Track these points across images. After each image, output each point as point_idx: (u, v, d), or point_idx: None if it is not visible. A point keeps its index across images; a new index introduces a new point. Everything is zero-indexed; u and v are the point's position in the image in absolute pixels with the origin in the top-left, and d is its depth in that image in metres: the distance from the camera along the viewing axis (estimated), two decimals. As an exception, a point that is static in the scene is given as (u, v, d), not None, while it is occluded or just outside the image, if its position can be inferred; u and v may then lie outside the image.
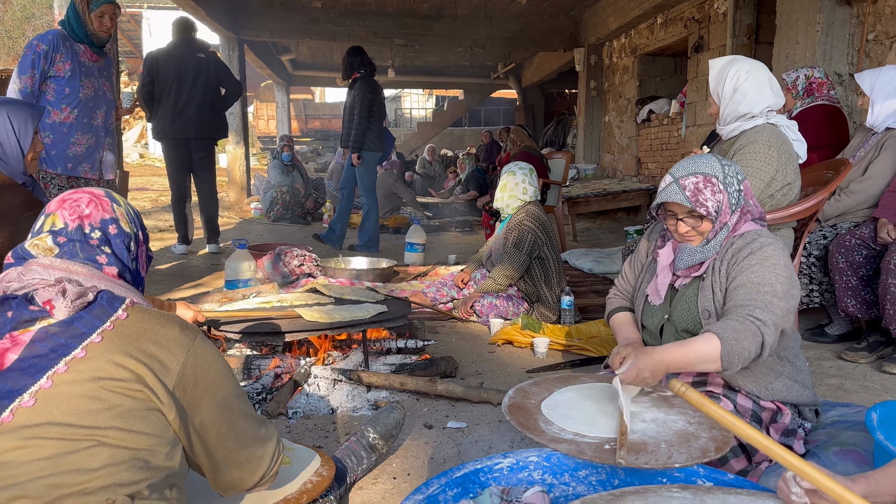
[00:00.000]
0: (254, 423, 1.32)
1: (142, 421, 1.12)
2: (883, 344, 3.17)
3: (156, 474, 1.14)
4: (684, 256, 1.98)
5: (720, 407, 1.18)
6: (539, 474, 1.59)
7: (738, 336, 1.73)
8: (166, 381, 1.16)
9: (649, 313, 2.11)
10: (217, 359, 1.27)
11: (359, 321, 2.65)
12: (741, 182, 1.97)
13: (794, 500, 1.31)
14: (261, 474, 1.33)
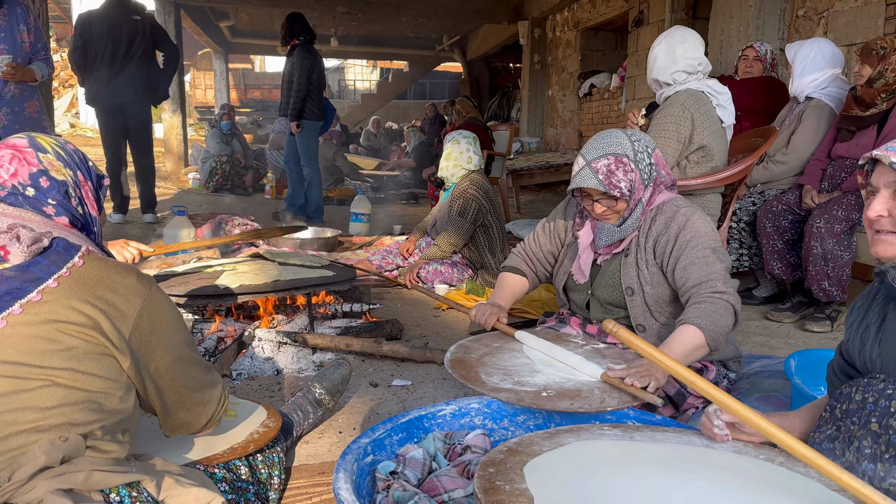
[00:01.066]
0: (202, 370, 1.35)
1: (96, 364, 1.13)
2: (805, 304, 3.36)
3: (109, 417, 1.15)
4: (603, 235, 2.05)
5: (646, 343, 1.25)
6: (480, 420, 1.66)
7: (714, 318, 1.81)
8: (122, 328, 1.17)
9: (574, 289, 2.19)
10: (171, 307, 1.28)
11: (305, 283, 2.65)
12: (651, 154, 2.03)
13: (717, 433, 1.41)
14: (207, 417, 1.36)
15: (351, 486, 1.25)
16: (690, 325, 1.80)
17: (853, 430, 1.20)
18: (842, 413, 1.25)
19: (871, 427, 1.17)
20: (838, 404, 1.26)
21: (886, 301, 1.31)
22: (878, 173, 1.25)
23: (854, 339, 1.34)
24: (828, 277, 3.09)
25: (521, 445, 1.38)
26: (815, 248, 3.08)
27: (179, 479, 1.19)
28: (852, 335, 1.35)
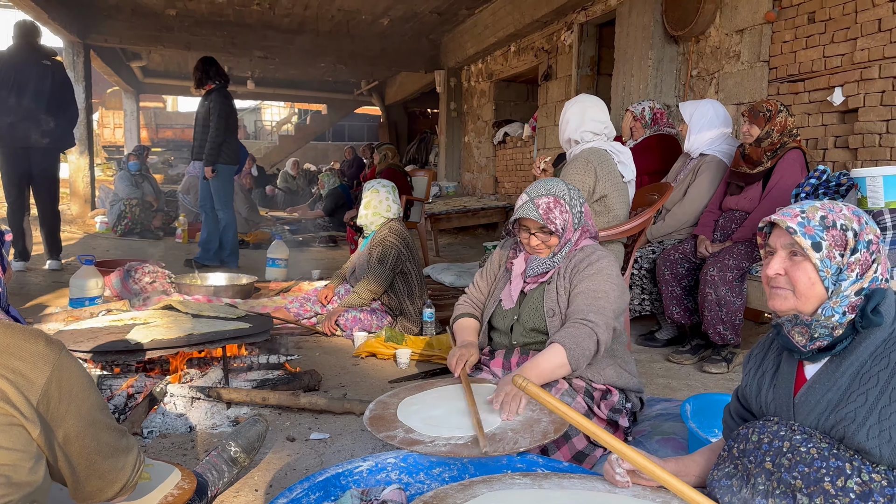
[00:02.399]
0: (116, 435, 1.32)
1: (3, 436, 1.10)
2: (703, 346, 3.59)
3: (17, 490, 1.12)
4: (534, 266, 2.29)
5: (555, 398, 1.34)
6: (396, 475, 1.70)
7: (577, 340, 2.04)
8: (30, 397, 1.15)
9: (500, 316, 2.34)
10: (81, 372, 1.26)
11: (219, 336, 2.63)
12: (582, 206, 2.33)
13: (618, 480, 1.51)
14: (121, 485, 1.33)
15: (268, 549, 1.26)
16: (557, 343, 2.03)
17: (749, 467, 1.32)
18: (739, 452, 1.37)
19: (765, 465, 1.29)
20: (736, 444, 1.38)
21: (780, 350, 1.45)
22: (776, 235, 1.41)
23: (751, 385, 1.48)
24: (722, 322, 3.31)
25: (436, 499, 1.43)
26: (710, 294, 3.31)
27: (90, 551, 1.17)
28: (749, 380, 1.49)
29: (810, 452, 1.25)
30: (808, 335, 1.35)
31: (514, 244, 2.44)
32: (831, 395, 1.31)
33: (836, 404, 1.29)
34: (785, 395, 1.39)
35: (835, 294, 1.33)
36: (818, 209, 1.37)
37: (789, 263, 1.38)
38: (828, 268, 1.33)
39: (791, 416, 1.35)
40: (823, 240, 1.34)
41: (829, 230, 1.35)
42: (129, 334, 2.52)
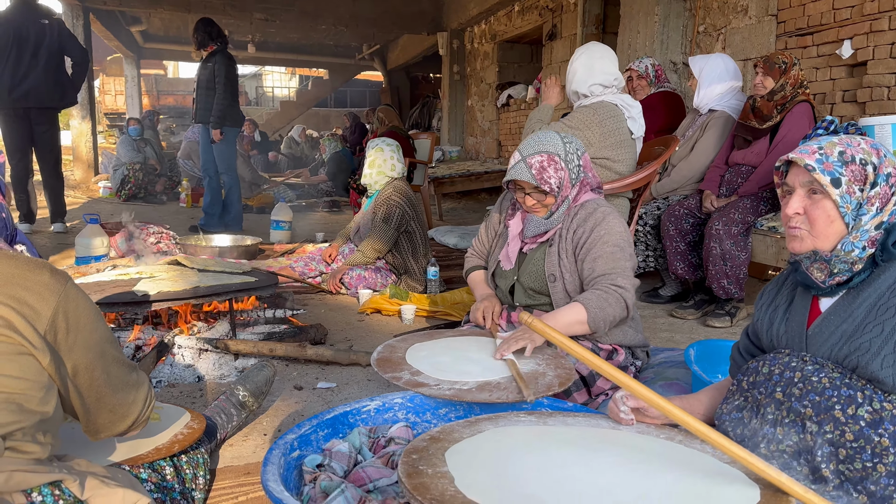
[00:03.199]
0: (125, 369, 1.33)
1: (13, 365, 1.12)
2: (707, 302, 3.60)
3: (29, 418, 1.14)
4: (531, 226, 2.21)
5: (559, 332, 1.35)
6: (403, 414, 1.72)
7: (602, 304, 1.99)
8: (37, 326, 1.16)
9: (501, 276, 2.32)
10: (88, 304, 1.26)
11: (225, 289, 2.64)
12: (581, 157, 2.21)
13: (623, 417, 1.53)
14: (132, 420, 1.35)
15: (279, 479, 1.29)
16: (579, 303, 1.99)
17: (759, 399, 1.33)
18: (748, 385, 1.39)
19: (775, 395, 1.31)
20: (745, 377, 1.40)
21: (795, 286, 1.46)
22: (793, 174, 1.40)
23: (763, 319, 1.48)
24: (726, 276, 3.32)
25: (443, 433, 1.45)
26: (715, 248, 3.31)
27: (105, 480, 1.19)
28: (761, 315, 1.50)
29: (822, 382, 1.26)
30: (828, 271, 1.35)
31: (511, 201, 2.36)
32: (846, 327, 1.32)
33: (851, 335, 1.30)
34: (798, 328, 1.40)
35: (854, 229, 1.33)
36: (836, 144, 1.36)
37: (808, 202, 1.36)
38: (848, 203, 1.32)
39: (803, 348, 1.36)
40: (843, 175, 1.33)
41: (848, 165, 1.33)
42: (136, 287, 2.53)
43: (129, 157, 8.30)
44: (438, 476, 1.23)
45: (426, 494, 1.15)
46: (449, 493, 1.16)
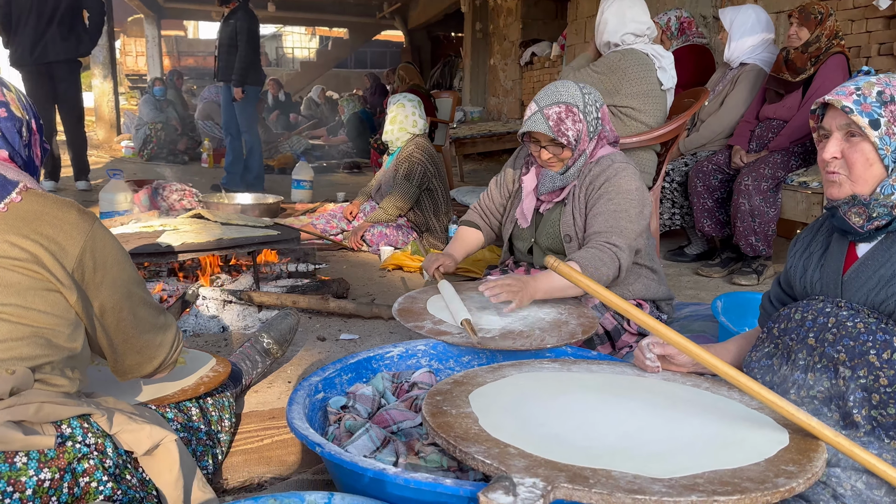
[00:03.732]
0: (153, 311, 1.34)
1: (41, 300, 1.13)
2: (734, 260, 3.54)
3: (57, 353, 1.15)
4: (546, 182, 2.14)
5: (585, 276, 1.33)
6: (426, 361, 1.72)
7: (596, 263, 1.92)
8: (65, 264, 1.16)
9: (520, 237, 2.27)
10: (115, 245, 1.27)
11: (248, 241, 2.64)
12: (599, 109, 2.12)
13: (648, 364, 1.51)
14: (159, 361, 1.36)
15: (304, 418, 1.29)
16: (574, 261, 1.92)
17: (791, 345, 1.31)
18: (780, 332, 1.36)
19: (807, 341, 1.28)
20: (776, 325, 1.37)
21: (831, 232, 1.42)
22: (830, 117, 1.34)
23: (797, 266, 1.45)
24: (755, 233, 3.26)
25: (466, 378, 1.45)
26: (743, 204, 3.24)
27: (132, 416, 1.20)
28: (795, 262, 1.46)
29: (857, 327, 1.23)
30: (866, 215, 1.31)
31: (526, 157, 2.28)
32: (884, 272, 1.28)
33: (889, 280, 1.26)
34: (833, 274, 1.36)
35: (895, 172, 1.28)
36: (874, 84, 1.30)
37: (846, 145, 1.31)
38: (887, 145, 1.27)
39: (838, 294, 1.33)
40: (882, 116, 1.27)
41: (887, 105, 1.28)
42: (160, 239, 2.54)
43: (151, 117, 8.31)
44: (462, 416, 1.23)
45: (450, 432, 1.15)
46: (473, 431, 1.16)
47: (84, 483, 1.09)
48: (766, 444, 1.14)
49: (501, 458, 1.05)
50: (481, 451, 1.08)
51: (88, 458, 1.10)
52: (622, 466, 1.04)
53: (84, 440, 1.11)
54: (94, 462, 1.11)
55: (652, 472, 1.02)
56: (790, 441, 1.16)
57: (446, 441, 1.13)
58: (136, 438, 1.16)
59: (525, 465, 1.03)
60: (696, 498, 0.95)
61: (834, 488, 1.11)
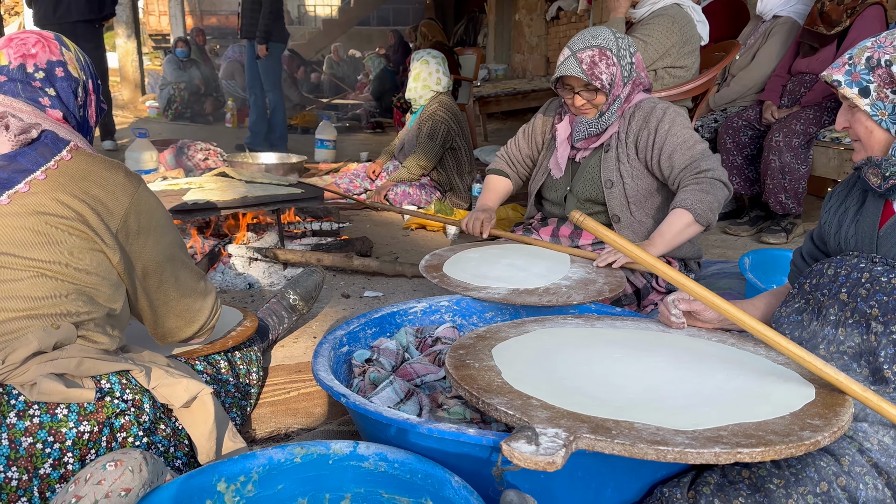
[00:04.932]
0: (194, 276, 1.37)
1: (85, 260, 1.15)
2: (762, 218, 3.48)
3: (99, 310, 1.18)
4: (580, 128, 2.11)
5: (612, 231, 1.31)
6: (450, 317, 1.72)
7: (701, 197, 1.90)
8: (110, 224, 1.18)
9: (552, 187, 2.25)
10: (160, 207, 1.29)
11: (273, 199, 2.66)
12: (633, 55, 2.09)
13: (673, 321, 1.50)
14: (198, 326, 1.39)
15: (329, 370, 1.31)
16: (679, 208, 1.90)
17: (822, 300, 1.29)
18: (811, 287, 1.34)
19: (839, 297, 1.26)
20: (808, 280, 1.35)
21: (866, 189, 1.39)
22: None
23: (831, 221, 1.42)
24: (784, 190, 3.19)
25: (490, 332, 1.45)
26: (774, 161, 3.17)
27: (168, 370, 1.23)
28: (829, 217, 1.44)
29: (891, 283, 1.20)
30: (881, 175, 1.28)
31: (558, 107, 2.26)
32: None
33: None
34: (869, 229, 1.33)
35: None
36: (866, 49, 1.29)
37: (850, 115, 1.32)
38: (882, 110, 1.26)
39: (873, 250, 1.30)
40: (871, 82, 1.26)
41: (876, 70, 1.25)
42: (185, 196, 2.56)
43: (175, 77, 8.32)
44: (485, 369, 1.23)
45: (473, 385, 1.16)
46: (496, 384, 1.16)
47: (121, 438, 1.12)
48: (792, 399, 1.13)
49: (524, 410, 1.06)
50: (504, 403, 1.08)
51: (125, 414, 1.13)
52: (645, 419, 1.04)
53: (122, 396, 1.14)
54: (130, 418, 1.14)
55: (675, 425, 1.02)
56: (816, 396, 1.14)
57: (469, 393, 1.14)
58: (173, 392, 1.19)
59: (548, 416, 1.04)
60: (719, 450, 0.95)
61: (860, 443, 1.10)
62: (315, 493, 1.10)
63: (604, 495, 1.12)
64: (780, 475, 1.08)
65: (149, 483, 0.95)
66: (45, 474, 1.04)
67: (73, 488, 0.90)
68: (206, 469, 1.05)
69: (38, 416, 1.06)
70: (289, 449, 1.10)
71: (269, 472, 1.08)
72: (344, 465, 1.10)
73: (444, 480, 1.03)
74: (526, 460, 0.91)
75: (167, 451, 1.19)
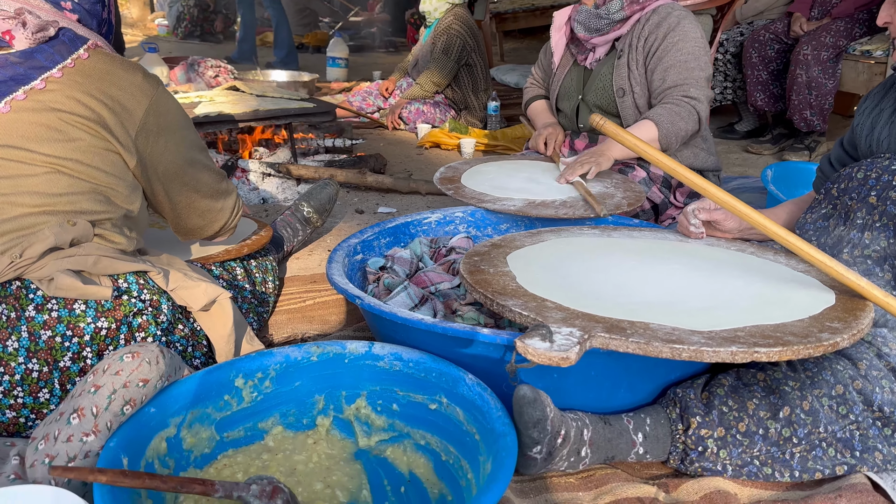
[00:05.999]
0: (215, 176, 1.36)
1: (101, 159, 1.14)
2: (785, 136, 3.39)
3: (116, 211, 1.17)
4: (582, 16, 2.03)
5: (633, 135, 1.27)
6: (464, 228, 1.71)
7: (673, 118, 1.85)
8: (128, 126, 1.17)
9: (565, 96, 2.18)
10: (179, 110, 1.27)
11: (284, 113, 2.61)
12: None
13: (692, 230, 1.48)
14: (220, 225, 1.40)
15: (343, 275, 1.31)
16: (649, 119, 1.86)
17: (850, 204, 1.26)
18: (839, 192, 1.31)
19: (868, 200, 1.23)
20: (835, 185, 1.31)
21: None
22: None
23: (864, 124, 1.38)
24: (810, 106, 3.09)
25: (505, 241, 1.44)
26: (800, 76, 3.06)
27: (187, 273, 1.23)
28: (862, 120, 1.39)
29: (923, 186, 1.17)
30: None
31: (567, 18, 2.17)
32: None
33: None
34: None
35: None
36: None
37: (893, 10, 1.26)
38: None
39: None
40: None
41: None
42: (196, 109, 2.53)
43: (183, -7, 8.09)
44: (500, 274, 1.23)
45: (488, 288, 1.15)
46: (511, 287, 1.16)
47: (140, 337, 1.14)
48: (812, 303, 1.11)
49: (539, 311, 1.05)
50: (519, 305, 1.08)
51: (143, 313, 1.14)
52: (661, 320, 1.03)
53: (140, 296, 1.15)
54: (148, 317, 1.15)
55: (691, 325, 1.01)
56: (836, 301, 1.13)
57: (484, 296, 1.13)
58: (191, 295, 1.19)
59: (562, 317, 1.03)
60: (736, 349, 0.94)
61: (879, 347, 1.09)
62: (331, 391, 1.12)
63: (616, 395, 1.13)
64: (795, 378, 1.08)
65: (166, 376, 0.96)
66: (64, 367, 1.06)
67: (91, 378, 0.92)
68: (224, 365, 1.06)
69: (56, 310, 1.07)
70: (305, 348, 1.11)
71: (286, 369, 1.10)
72: (359, 364, 1.11)
73: (458, 378, 1.04)
74: (540, 356, 0.91)
75: (186, 350, 1.21)
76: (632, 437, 1.09)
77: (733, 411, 1.07)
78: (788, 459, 1.05)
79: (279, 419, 1.10)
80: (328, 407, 1.12)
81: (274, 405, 1.10)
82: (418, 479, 1.05)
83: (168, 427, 0.97)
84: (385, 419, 1.11)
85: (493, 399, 0.99)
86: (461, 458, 1.01)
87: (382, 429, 1.11)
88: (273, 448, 1.08)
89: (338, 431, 1.12)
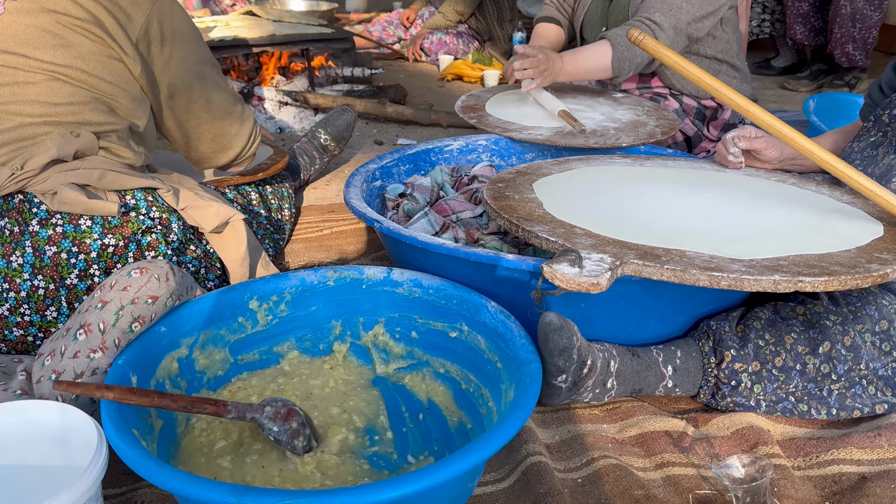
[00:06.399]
0: (229, 97, 1.28)
1: (102, 67, 1.07)
2: (825, 73, 3.23)
3: (121, 123, 1.11)
4: None
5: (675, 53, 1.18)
6: (487, 156, 1.64)
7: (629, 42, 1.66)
8: (129, 32, 1.10)
9: (589, 24, 2.06)
10: (186, 19, 1.19)
11: (302, 38, 2.52)
12: None
13: (731, 160, 1.40)
14: (235, 153, 1.32)
15: (362, 199, 1.26)
16: (606, 40, 1.74)
17: None
18: (890, 118, 1.22)
19: None
20: (887, 111, 1.23)
21: None
22: None
23: None
24: (853, 40, 2.93)
25: (531, 168, 1.37)
26: (844, 7, 2.89)
27: (199, 193, 1.18)
28: None
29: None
30: None
31: None
32: None
33: None
34: None
35: None
36: None
37: None
38: None
39: None
40: None
41: None
42: (212, 34, 2.44)
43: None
44: (526, 201, 1.16)
45: (513, 214, 1.09)
46: (537, 213, 1.10)
47: (150, 256, 1.09)
48: (858, 234, 1.05)
49: (567, 237, 1.00)
50: (546, 230, 1.02)
51: (152, 231, 1.10)
52: (697, 248, 0.97)
53: (148, 213, 1.10)
54: (157, 236, 1.10)
55: (730, 253, 0.95)
56: (885, 232, 1.06)
57: (509, 221, 1.08)
58: (203, 215, 1.14)
59: (592, 243, 0.98)
60: (779, 277, 0.88)
61: (928, 282, 1.03)
62: (348, 317, 1.08)
63: (646, 327, 1.08)
64: (837, 312, 1.02)
65: (177, 295, 0.92)
66: (71, 284, 1.03)
67: (98, 293, 0.88)
68: (239, 286, 1.02)
69: (60, 225, 1.03)
70: (322, 272, 1.07)
71: (301, 293, 1.06)
72: (377, 290, 1.07)
73: (480, 305, 1.00)
74: (569, 282, 0.85)
75: (198, 272, 1.17)
76: (661, 369, 1.05)
77: (770, 345, 1.01)
78: (826, 396, 1.01)
79: (295, 343, 1.07)
80: (345, 333, 1.09)
81: (289, 329, 1.06)
82: (437, 407, 1.01)
83: (180, 347, 0.94)
84: (403, 347, 1.07)
85: (516, 326, 0.94)
86: (482, 386, 0.97)
87: (401, 356, 1.08)
88: (289, 372, 1.05)
89: (355, 358, 1.09)
